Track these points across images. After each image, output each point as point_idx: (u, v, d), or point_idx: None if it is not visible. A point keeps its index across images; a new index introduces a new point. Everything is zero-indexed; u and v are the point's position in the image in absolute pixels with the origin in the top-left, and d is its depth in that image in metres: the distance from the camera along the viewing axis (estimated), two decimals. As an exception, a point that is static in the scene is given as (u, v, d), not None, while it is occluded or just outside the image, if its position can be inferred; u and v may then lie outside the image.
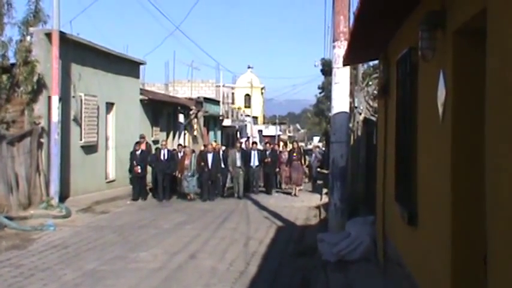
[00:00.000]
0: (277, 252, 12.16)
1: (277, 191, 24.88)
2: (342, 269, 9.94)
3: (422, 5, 5.71)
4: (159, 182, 21.31)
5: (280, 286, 9.60)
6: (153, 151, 22.27)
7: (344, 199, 12.48)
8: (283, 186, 25.62)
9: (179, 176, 21.59)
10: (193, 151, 22.79)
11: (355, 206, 14.38)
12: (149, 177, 22.21)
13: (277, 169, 25.40)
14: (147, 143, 22.20)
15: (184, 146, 24.63)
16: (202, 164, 21.48)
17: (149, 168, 21.73)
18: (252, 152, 24.09)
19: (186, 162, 21.43)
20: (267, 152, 24.90)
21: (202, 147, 24.12)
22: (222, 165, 22.23)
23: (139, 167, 20.84)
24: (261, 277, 9.92)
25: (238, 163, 22.66)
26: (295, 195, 23.48)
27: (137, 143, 21.50)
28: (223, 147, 24.99)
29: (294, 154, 24.50)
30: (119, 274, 9.91)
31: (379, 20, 7.09)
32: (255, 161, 23.61)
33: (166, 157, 21.45)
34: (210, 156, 21.77)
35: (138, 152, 21.11)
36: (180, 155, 22.06)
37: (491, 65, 3.46)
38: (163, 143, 22.60)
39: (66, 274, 9.80)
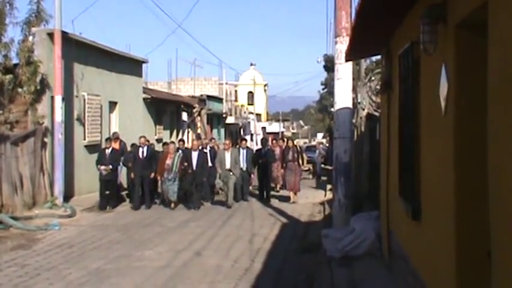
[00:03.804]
0: (282, 248, 12.16)
1: (273, 195, 21.21)
2: (346, 264, 9.94)
3: (424, -1, 5.70)
4: (136, 185, 18.15)
5: (285, 283, 9.59)
6: (129, 149, 19.03)
7: (348, 195, 12.45)
8: (277, 187, 22.57)
9: (158, 178, 18.35)
10: (178, 149, 19.01)
11: (359, 202, 14.36)
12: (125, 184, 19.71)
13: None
14: (121, 141, 19.27)
15: (171, 142, 20.33)
16: (186, 164, 18.20)
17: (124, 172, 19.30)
18: (241, 151, 20.16)
19: (168, 161, 18.07)
20: (262, 151, 21.46)
21: (183, 144, 20.51)
22: (210, 164, 19.32)
23: (108, 166, 17.64)
24: (265, 274, 9.91)
25: (228, 165, 18.82)
26: (293, 202, 19.79)
27: (107, 139, 18.58)
28: (210, 145, 21.36)
29: (290, 154, 20.26)
30: (124, 273, 9.92)
31: (381, 15, 7.08)
32: (243, 162, 19.91)
33: (145, 155, 18.23)
34: (194, 155, 18.46)
35: (109, 151, 17.91)
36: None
37: (492, 58, 3.45)
38: (142, 139, 18.66)
39: (71, 273, 9.80)
